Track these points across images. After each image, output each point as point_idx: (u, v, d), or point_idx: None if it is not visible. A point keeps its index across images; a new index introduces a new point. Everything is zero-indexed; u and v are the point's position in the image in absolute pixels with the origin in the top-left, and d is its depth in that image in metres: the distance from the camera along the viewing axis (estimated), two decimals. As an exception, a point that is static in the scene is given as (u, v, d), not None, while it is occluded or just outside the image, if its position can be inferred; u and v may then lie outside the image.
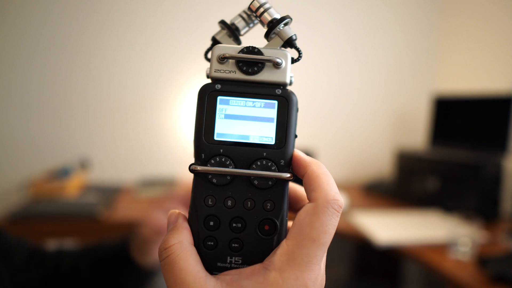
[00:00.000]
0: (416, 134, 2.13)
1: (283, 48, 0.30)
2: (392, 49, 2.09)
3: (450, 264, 1.06)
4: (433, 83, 2.15)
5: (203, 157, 0.28)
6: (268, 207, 0.27)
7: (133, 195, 1.66)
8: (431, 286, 1.86)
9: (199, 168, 0.27)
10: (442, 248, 1.16)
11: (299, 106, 0.30)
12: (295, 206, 0.30)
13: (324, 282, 0.26)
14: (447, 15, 2.09)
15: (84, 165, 1.78)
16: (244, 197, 0.27)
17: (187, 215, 0.29)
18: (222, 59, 0.28)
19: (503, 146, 1.50)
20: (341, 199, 0.25)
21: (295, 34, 0.30)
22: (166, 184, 1.70)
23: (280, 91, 0.28)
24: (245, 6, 0.33)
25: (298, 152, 0.28)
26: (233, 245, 0.27)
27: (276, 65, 0.28)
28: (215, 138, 0.28)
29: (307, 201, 0.27)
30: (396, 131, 2.14)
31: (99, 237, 1.34)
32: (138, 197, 1.63)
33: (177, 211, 0.28)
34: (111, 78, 1.84)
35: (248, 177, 0.27)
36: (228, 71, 0.28)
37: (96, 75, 1.82)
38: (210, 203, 0.28)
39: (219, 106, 0.28)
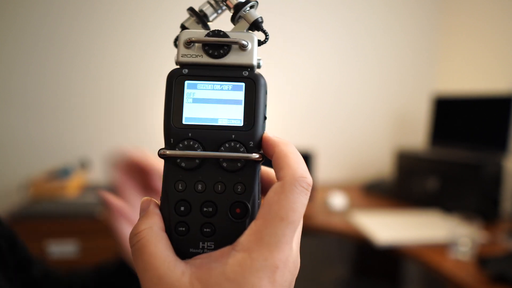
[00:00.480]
0: (416, 134, 2.13)
1: (249, 31, 0.30)
2: (392, 49, 2.09)
3: (450, 264, 1.06)
4: (433, 83, 2.15)
5: (172, 141, 0.28)
6: (239, 190, 0.27)
7: (133, 195, 1.66)
8: (431, 286, 1.86)
9: (168, 152, 0.27)
10: (442, 248, 1.16)
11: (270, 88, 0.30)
12: (267, 189, 0.30)
13: (299, 264, 0.25)
14: (447, 15, 2.09)
15: (84, 165, 1.78)
16: (214, 181, 0.27)
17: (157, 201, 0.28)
18: (189, 44, 0.28)
19: (503, 146, 1.50)
20: (309, 177, 0.25)
21: (261, 17, 0.30)
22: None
23: (247, 73, 0.28)
24: None
25: (266, 134, 0.28)
26: (205, 229, 0.27)
27: (242, 47, 0.28)
28: (184, 122, 0.28)
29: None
30: (396, 131, 2.14)
31: (99, 237, 1.34)
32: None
33: (148, 198, 0.28)
34: (111, 78, 1.84)
35: (217, 160, 0.27)
36: (195, 55, 0.28)
37: (96, 75, 1.82)
38: (180, 188, 0.27)
39: (186, 91, 0.28)
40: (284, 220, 0.24)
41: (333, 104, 2.06)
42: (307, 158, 1.65)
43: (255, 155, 0.27)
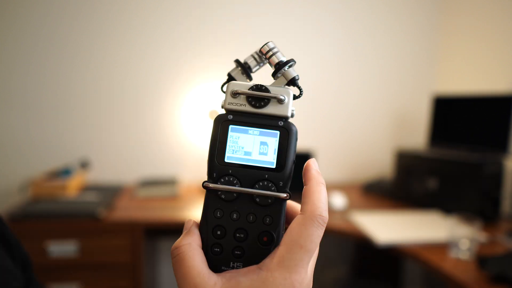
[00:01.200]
0: (416, 134, 2.13)
1: (286, 86, 0.35)
2: (392, 49, 2.09)
3: (450, 264, 1.06)
4: (433, 83, 2.15)
5: (214, 176, 0.33)
6: (267, 221, 0.32)
7: (133, 195, 1.66)
8: (431, 286, 1.86)
9: (211, 185, 0.32)
10: (442, 248, 1.16)
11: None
12: (291, 220, 0.34)
13: (311, 286, 0.30)
14: (447, 15, 2.09)
15: (84, 165, 1.78)
16: (247, 212, 0.32)
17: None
18: (235, 94, 0.34)
19: (503, 146, 1.50)
20: (326, 215, 0.30)
21: (297, 75, 0.35)
22: (166, 184, 1.70)
23: (282, 123, 0.33)
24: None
25: (310, 164, 0.33)
26: (236, 252, 0.32)
27: (280, 101, 0.33)
28: (226, 160, 0.33)
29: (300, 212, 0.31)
30: (396, 131, 2.14)
31: (99, 237, 1.34)
32: (138, 197, 1.63)
33: (191, 219, 0.33)
34: (111, 78, 1.84)
35: (251, 195, 0.32)
36: (239, 104, 0.33)
37: (96, 75, 1.82)
38: (218, 215, 0.32)
39: (230, 133, 0.33)
40: (302, 247, 0.28)
41: (333, 104, 2.06)
42: (307, 158, 1.65)
43: (283, 195, 0.32)
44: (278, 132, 0.33)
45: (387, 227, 1.31)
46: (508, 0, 1.73)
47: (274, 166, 0.32)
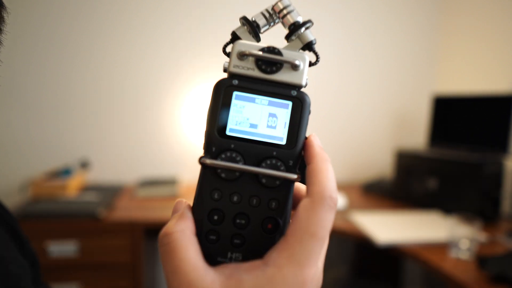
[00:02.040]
0: (416, 134, 2.13)
1: (301, 51, 0.31)
2: (392, 49, 2.09)
3: (450, 264, 1.06)
4: (433, 83, 2.15)
5: (213, 150, 0.28)
6: (273, 206, 0.28)
7: (133, 195, 1.66)
8: (431, 286, 1.86)
9: (208, 161, 0.27)
10: (442, 248, 1.16)
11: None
12: (296, 203, 0.30)
13: (321, 279, 0.27)
14: (447, 15, 2.09)
15: (84, 165, 1.78)
16: (250, 194, 0.28)
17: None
18: (242, 56, 0.29)
19: (503, 146, 1.50)
20: (336, 197, 0.26)
21: (315, 39, 0.31)
22: (166, 184, 1.70)
23: (296, 92, 0.29)
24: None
25: (312, 140, 0.29)
26: (235, 240, 0.28)
27: (294, 67, 0.29)
28: (227, 133, 0.28)
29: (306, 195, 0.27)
30: (396, 131, 2.14)
31: (99, 237, 1.34)
32: (138, 197, 1.63)
33: (182, 199, 0.29)
34: (111, 78, 1.84)
35: (256, 175, 0.28)
36: (246, 68, 0.29)
37: (96, 75, 1.82)
38: (216, 196, 0.28)
39: (234, 101, 0.29)
40: (313, 236, 0.25)
41: (333, 104, 2.06)
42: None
43: (294, 176, 0.28)
44: (290, 103, 0.29)
45: (387, 227, 1.31)
46: (508, 0, 1.73)
47: (283, 142, 0.28)
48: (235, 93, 0.29)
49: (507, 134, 1.50)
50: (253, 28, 0.31)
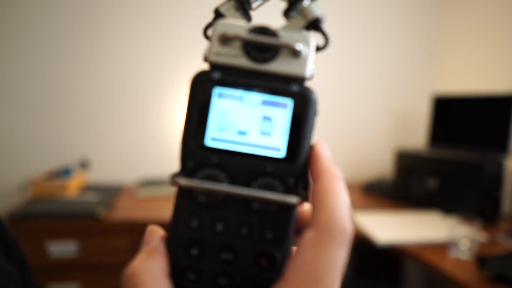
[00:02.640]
0: (416, 134, 2.13)
1: (305, 31, 0.24)
2: (391, 49, 2.09)
3: (450, 264, 1.06)
4: (433, 83, 2.15)
5: (190, 166, 0.22)
6: (268, 237, 0.22)
7: (133, 195, 1.66)
8: (431, 286, 1.86)
9: (183, 181, 0.21)
10: (442, 248, 1.16)
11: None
12: (300, 229, 0.24)
13: None
14: (447, 15, 2.09)
15: (84, 165, 1.78)
16: (238, 221, 0.22)
17: None
18: (226, 40, 0.22)
19: (503, 146, 1.50)
20: (350, 227, 0.20)
21: (323, 14, 0.24)
22: (166, 184, 1.70)
23: (297, 87, 0.22)
24: None
25: (319, 150, 0.22)
26: (220, 281, 0.22)
27: (295, 53, 0.22)
28: (207, 143, 0.22)
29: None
30: (396, 131, 2.14)
31: (99, 237, 1.34)
32: (138, 197, 1.63)
33: (154, 228, 0.23)
34: (111, 78, 1.84)
35: (245, 198, 0.22)
36: (231, 56, 0.22)
37: (96, 75, 1.82)
38: (194, 225, 0.22)
39: (215, 101, 0.22)
40: (319, 282, 0.19)
41: (333, 104, 2.06)
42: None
43: (294, 199, 0.21)
44: (290, 102, 0.22)
45: (387, 227, 1.31)
46: (508, 0, 1.73)
47: (282, 154, 0.22)
48: (216, 90, 0.22)
49: (507, 134, 1.50)
50: (240, 2, 0.24)
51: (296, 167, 0.22)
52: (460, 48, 2.02)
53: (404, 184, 1.68)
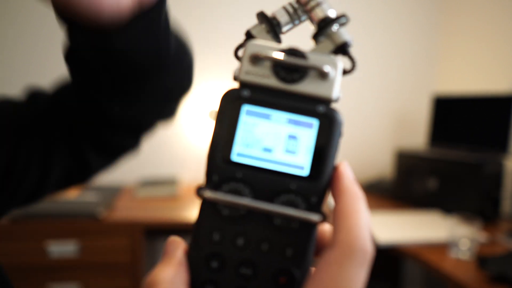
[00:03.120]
0: (416, 134, 2.13)
1: (333, 55, 0.25)
2: (392, 49, 2.09)
3: (450, 264, 1.06)
4: (433, 83, 2.15)
5: (215, 179, 0.23)
6: (289, 254, 0.22)
7: (133, 195, 1.66)
8: (431, 286, 1.86)
9: (208, 194, 0.22)
10: (442, 248, 1.16)
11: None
12: (319, 249, 0.24)
13: None
14: (447, 15, 2.09)
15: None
16: (259, 237, 0.22)
17: None
18: (256, 59, 0.23)
19: (503, 146, 1.50)
20: (370, 248, 0.20)
21: (351, 40, 0.26)
22: (166, 184, 1.70)
23: (324, 108, 0.23)
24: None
25: (342, 170, 0.23)
26: None
27: (323, 75, 0.23)
28: (234, 158, 0.23)
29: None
30: (396, 131, 2.14)
31: (99, 237, 1.34)
32: (138, 197, 1.63)
33: (176, 239, 0.23)
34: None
35: (267, 214, 0.22)
36: (261, 75, 0.23)
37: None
38: (216, 238, 0.22)
39: (244, 118, 0.23)
40: None
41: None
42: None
43: (316, 217, 0.22)
44: (316, 122, 0.23)
45: (387, 227, 1.31)
46: (508, 0, 1.73)
47: (306, 173, 0.22)
48: (245, 108, 0.23)
49: (507, 134, 1.50)
50: (271, 26, 0.25)
51: (319, 186, 0.22)
52: (460, 48, 2.02)
53: (404, 184, 1.68)
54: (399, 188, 1.71)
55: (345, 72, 0.25)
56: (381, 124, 2.12)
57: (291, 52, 0.23)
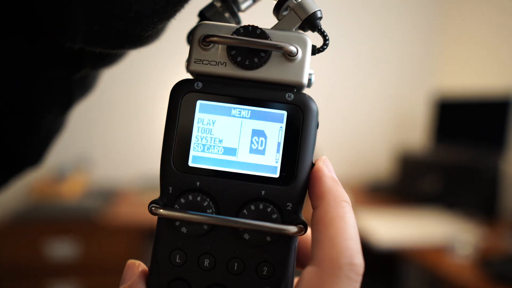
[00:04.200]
0: (416, 134, 2.13)
1: (300, 31, 0.20)
2: (391, 50, 2.09)
3: (451, 265, 1.06)
4: (433, 83, 2.15)
5: (170, 191, 0.20)
6: (265, 273, 0.18)
7: (132, 197, 1.66)
8: (431, 286, 1.86)
9: (162, 211, 0.19)
10: (442, 248, 1.16)
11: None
12: (302, 260, 0.21)
13: None
14: (447, 16, 2.09)
15: (83, 165, 1.78)
16: (228, 256, 0.19)
17: None
18: (207, 44, 0.19)
19: (503, 146, 1.50)
20: (361, 262, 0.16)
21: (320, 10, 0.21)
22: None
23: (293, 96, 0.19)
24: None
25: (320, 168, 0.19)
26: None
27: (289, 56, 0.19)
28: (190, 163, 0.20)
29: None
30: (396, 131, 2.14)
31: (98, 240, 1.34)
32: (137, 199, 1.63)
33: (134, 262, 0.20)
34: (111, 78, 1.83)
35: (235, 228, 0.19)
36: (215, 63, 0.19)
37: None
38: (178, 260, 0.19)
39: (198, 116, 0.19)
40: None
41: (333, 104, 2.06)
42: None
43: (293, 229, 0.18)
44: (284, 113, 0.19)
45: (387, 227, 1.30)
46: (508, 2, 1.73)
47: (277, 175, 0.19)
48: (199, 103, 0.19)
49: (506, 135, 1.50)
50: (227, 4, 0.21)
51: (294, 189, 0.19)
52: (460, 50, 2.02)
53: (404, 184, 1.68)
54: (399, 188, 1.71)
55: (315, 50, 0.21)
56: (381, 124, 2.12)
57: (248, 31, 0.19)
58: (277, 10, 0.20)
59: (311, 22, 0.20)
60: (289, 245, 0.19)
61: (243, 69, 0.19)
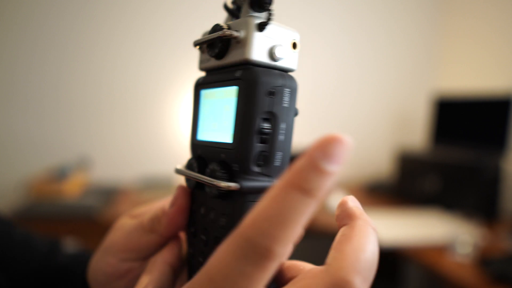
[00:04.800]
0: (416, 134, 2.13)
1: (255, 14, 0.22)
2: (391, 49, 2.09)
3: (450, 264, 1.06)
4: (433, 83, 2.15)
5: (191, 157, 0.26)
6: (221, 223, 0.22)
7: (133, 195, 1.66)
8: (431, 286, 1.86)
9: (178, 167, 0.26)
10: (442, 248, 1.16)
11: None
12: (281, 279, 0.21)
13: None
14: (447, 15, 2.09)
15: (84, 164, 1.78)
16: (210, 206, 0.24)
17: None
18: (200, 48, 0.25)
19: (503, 146, 1.50)
20: (356, 284, 0.16)
21: None
22: (166, 184, 1.70)
23: (240, 72, 0.21)
24: None
25: (346, 199, 0.20)
26: (199, 261, 0.24)
27: (235, 39, 0.21)
28: (198, 137, 0.25)
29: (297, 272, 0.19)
30: (396, 131, 2.14)
31: (99, 238, 1.34)
32: (138, 197, 1.63)
33: (161, 258, 0.24)
34: (111, 78, 1.84)
35: (204, 184, 0.23)
36: (206, 60, 0.24)
37: (96, 75, 1.82)
38: (192, 208, 0.26)
39: (202, 101, 0.25)
40: None
41: (333, 104, 2.06)
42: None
43: (224, 184, 0.21)
44: (235, 88, 0.22)
45: (387, 227, 1.30)
46: (508, 1, 1.73)
47: (231, 141, 0.22)
48: (201, 92, 0.25)
49: (507, 134, 1.50)
50: (231, 13, 0.25)
51: (238, 152, 0.21)
52: (460, 49, 2.02)
53: (404, 184, 1.68)
54: (399, 188, 1.71)
55: (261, 26, 0.21)
56: (381, 124, 2.12)
57: (212, 29, 0.23)
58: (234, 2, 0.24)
59: (255, 3, 0.22)
60: (243, 201, 0.21)
61: (217, 60, 0.23)
